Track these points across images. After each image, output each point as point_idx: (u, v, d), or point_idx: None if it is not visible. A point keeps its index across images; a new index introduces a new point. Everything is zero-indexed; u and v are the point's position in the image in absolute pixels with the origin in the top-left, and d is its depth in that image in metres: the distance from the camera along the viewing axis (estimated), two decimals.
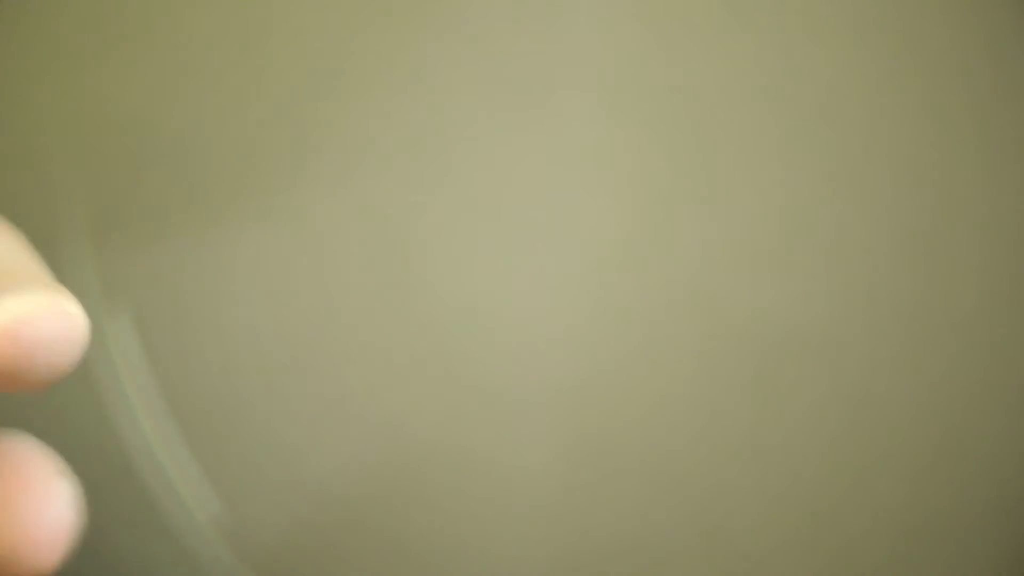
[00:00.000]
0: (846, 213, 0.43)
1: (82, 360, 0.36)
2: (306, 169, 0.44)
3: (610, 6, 0.43)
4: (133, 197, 0.42)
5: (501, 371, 0.42)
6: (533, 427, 0.43)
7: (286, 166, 0.44)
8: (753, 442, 0.42)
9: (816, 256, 0.43)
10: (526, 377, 0.43)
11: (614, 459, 0.43)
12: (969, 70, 0.42)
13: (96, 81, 0.44)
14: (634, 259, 0.43)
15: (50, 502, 0.27)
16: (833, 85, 0.43)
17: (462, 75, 0.44)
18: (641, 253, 0.42)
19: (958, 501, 0.42)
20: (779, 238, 0.43)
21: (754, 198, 0.43)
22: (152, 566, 0.43)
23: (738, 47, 0.43)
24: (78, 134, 0.44)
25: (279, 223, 0.43)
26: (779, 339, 0.42)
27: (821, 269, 0.43)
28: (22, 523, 0.26)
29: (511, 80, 0.43)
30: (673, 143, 0.43)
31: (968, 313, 0.42)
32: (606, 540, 0.43)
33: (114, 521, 0.43)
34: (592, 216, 0.44)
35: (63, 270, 0.42)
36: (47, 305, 0.25)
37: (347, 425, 0.43)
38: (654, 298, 0.43)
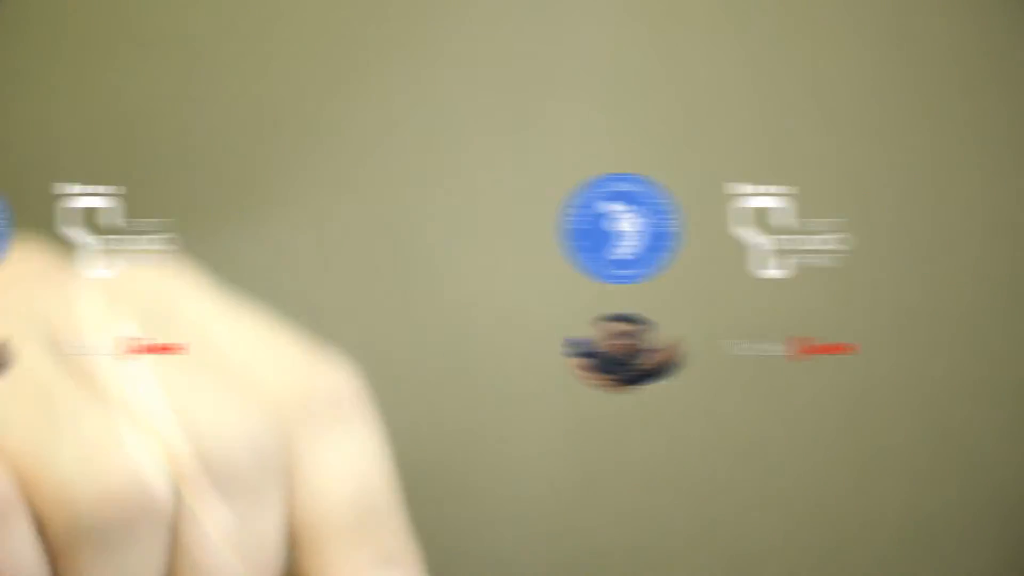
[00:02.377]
0: (845, 212, 0.42)
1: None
2: (309, 170, 0.43)
3: (609, 8, 0.43)
4: (136, 196, 0.40)
5: (504, 373, 0.42)
6: (536, 430, 0.44)
7: (289, 167, 0.43)
8: (753, 442, 0.43)
9: (815, 255, 0.42)
10: (528, 377, 0.43)
11: (616, 460, 0.44)
12: (969, 69, 0.42)
13: (100, 82, 0.43)
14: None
15: None
16: (832, 84, 0.43)
17: (465, 76, 0.44)
18: None
19: (957, 500, 0.43)
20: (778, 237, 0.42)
21: (752, 196, 0.43)
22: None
23: (737, 46, 0.43)
24: (83, 134, 0.43)
25: (281, 224, 0.43)
26: (778, 339, 0.42)
27: (820, 268, 0.42)
28: None
29: (513, 81, 0.43)
30: (673, 143, 0.43)
31: (968, 312, 0.43)
32: (608, 540, 0.44)
33: None
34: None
35: None
36: None
37: None
38: (655, 297, 0.42)
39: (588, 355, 0.28)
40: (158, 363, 0.29)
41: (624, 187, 0.28)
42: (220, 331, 0.30)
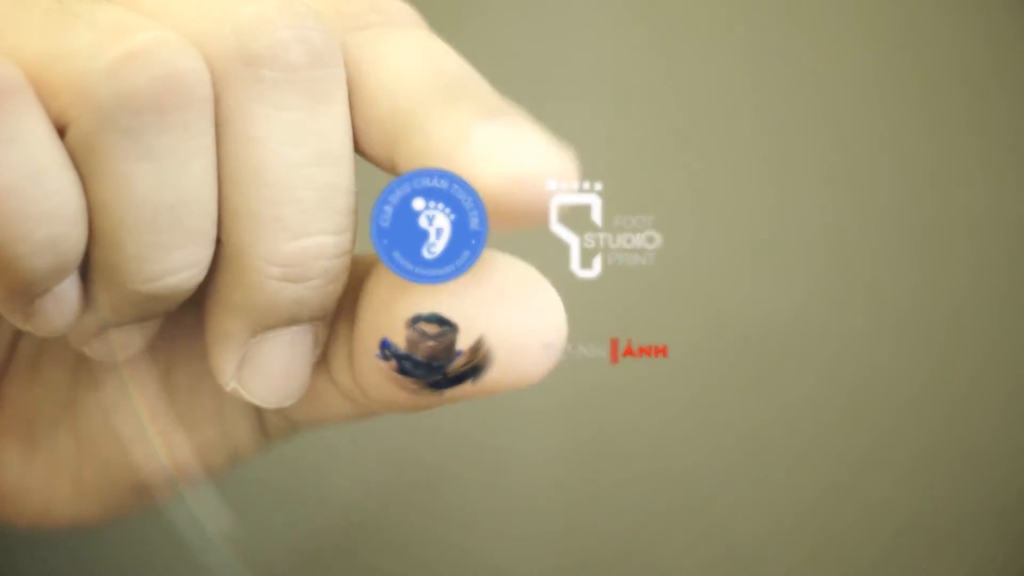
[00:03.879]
0: (845, 212, 0.43)
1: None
2: None
3: (610, 8, 0.45)
4: None
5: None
6: (536, 434, 0.45)
7: None
8: (753, 442, 0.43)
9: (815, 255, 0.43)
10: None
11: (615, 461, 0.44)
12: (969, 70, 0.43)
13: None
14: None
15: (545, 312, 0.27)
16: (831, 83, 0.44)
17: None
18: None
19: (957, 499, 0.43)
20: (778, 237, 0.44)
21: (753, 198, 0.44)
22: None
23: (737, 46, 0.43)
24: None
25: None
26: (778, 338, 0.43)
27: (820, 268, 0.43)
28: (518, 331, 0.26)
29: (513, 81, 0.44)
30: (672, 143, 0.44)
31: (966, 312, 0.43)
32: (609, 541, 0.44)
33: (122, 532, 0.44)
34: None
35: None
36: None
37: (355, 436, 0.45)
38: (653, 297, 0.44)
39: (400, 358, 0.27)
40: None
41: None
42: None
